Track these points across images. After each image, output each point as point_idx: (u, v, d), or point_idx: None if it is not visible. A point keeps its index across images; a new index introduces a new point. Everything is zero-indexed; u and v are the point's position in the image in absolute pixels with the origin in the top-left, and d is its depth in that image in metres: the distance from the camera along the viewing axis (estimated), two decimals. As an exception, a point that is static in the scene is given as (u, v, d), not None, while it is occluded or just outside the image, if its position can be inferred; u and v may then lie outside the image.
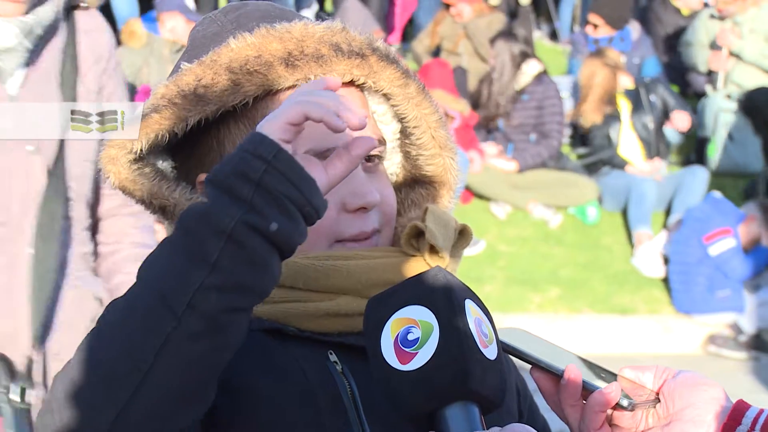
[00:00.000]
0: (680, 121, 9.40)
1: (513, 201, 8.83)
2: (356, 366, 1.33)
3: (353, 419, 1.29)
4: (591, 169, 9.04)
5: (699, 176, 8.86)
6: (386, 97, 1.46)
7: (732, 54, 9.64)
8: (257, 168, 1.10)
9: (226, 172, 1.12)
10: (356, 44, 1.40)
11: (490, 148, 8.78)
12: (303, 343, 1.34)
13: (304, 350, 1.33)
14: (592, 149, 9.06)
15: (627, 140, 9.07)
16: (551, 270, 8.36)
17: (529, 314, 7.80)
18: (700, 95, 10.11)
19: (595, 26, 10.25)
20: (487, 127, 8.98)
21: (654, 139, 9.18)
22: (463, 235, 1.43)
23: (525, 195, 8.79)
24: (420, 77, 1.51)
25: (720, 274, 7.81)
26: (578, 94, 9.34)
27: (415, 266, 1.38)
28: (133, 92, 7.51)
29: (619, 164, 8.94)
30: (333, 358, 1.34)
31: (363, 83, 1.41)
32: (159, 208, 1.42)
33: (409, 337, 1.14)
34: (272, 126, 1.14)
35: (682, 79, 10.75)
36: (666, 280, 8.26)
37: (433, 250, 1.39)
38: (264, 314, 1.35)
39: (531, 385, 1.42)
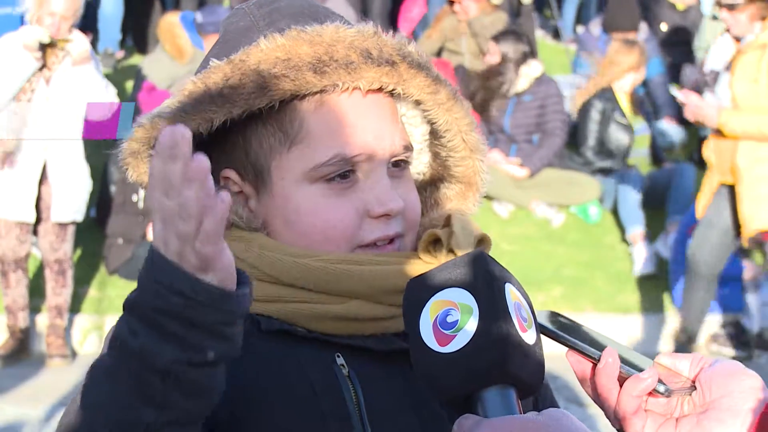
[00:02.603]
0: None
1: (516, 200, 8.82)
2: (363, 369, 1.33)
3: (356, 425, 1.29)
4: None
5: (687, 174, 8.84)
6: (417, 101, 1.44)
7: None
8: (178, 304, 1.05)
9: (148, 305, 1.06)
10: (387, 50, 1.38)
11: (495, 154, 8.73)
12: (310, 345, 1.33)
13: (311, 352, 1.33)
14: (601, 156, 8.96)
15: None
16: (554, 269, 8.35)
17: (531, 313, 7.77)
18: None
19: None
20: (489, 129, 8.94)
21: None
22: (481, 244, 1.42)
23: (528, 194, 8.78)
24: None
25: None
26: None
27: None
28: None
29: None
30: (340, 361, 1.33)
31: (392, 90, 1.40)
32: None
33: (449, 319, 1.13)
34: (171, 247, 1.04)
35: (684, 78, 10.74)
36: (667, 279, 8.25)
37: (450, 257, 1.37)
38: (273, 313, 1.34)
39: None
